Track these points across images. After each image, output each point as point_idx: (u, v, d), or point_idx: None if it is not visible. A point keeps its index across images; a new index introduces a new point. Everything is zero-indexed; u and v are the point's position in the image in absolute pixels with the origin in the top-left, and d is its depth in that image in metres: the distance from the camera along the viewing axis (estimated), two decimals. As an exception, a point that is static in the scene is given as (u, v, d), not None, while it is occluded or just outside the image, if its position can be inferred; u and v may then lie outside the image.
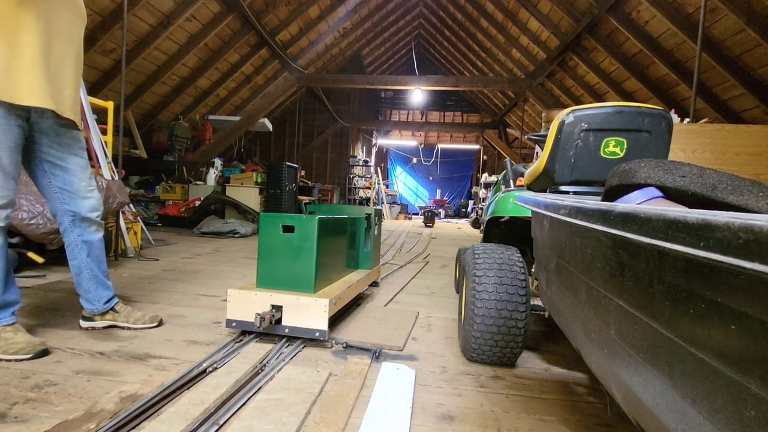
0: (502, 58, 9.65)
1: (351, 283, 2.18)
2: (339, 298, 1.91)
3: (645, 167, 0.95)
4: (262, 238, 1.88)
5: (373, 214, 2.72)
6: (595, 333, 0.78)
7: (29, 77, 1.42)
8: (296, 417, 1.21)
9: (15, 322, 1.60)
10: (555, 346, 2.01)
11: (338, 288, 2.00)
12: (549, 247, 1.18)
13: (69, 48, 1.58)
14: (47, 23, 1.47)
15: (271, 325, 1.74)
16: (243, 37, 7.34)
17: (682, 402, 0.47)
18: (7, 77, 1.38)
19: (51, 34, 1.49)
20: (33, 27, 1.43)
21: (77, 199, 1.70)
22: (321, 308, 1.74)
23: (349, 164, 12.94)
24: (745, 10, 4.05)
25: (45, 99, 1.47)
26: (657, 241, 0.46)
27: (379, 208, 2.92)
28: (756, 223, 0.33)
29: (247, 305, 1.78)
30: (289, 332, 1.76)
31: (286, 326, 1.76)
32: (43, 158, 1.62)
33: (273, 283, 1.87)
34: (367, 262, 2.68)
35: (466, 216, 15.29)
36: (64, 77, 1.55)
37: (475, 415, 1.32)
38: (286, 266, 1.86)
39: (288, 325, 1.76)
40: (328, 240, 1.98)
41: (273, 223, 1.88)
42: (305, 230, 1.84)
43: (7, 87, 1.39)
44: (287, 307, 1.76)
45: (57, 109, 1.53)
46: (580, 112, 1.56)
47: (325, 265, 1.97)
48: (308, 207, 2.79)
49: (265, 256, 1.89)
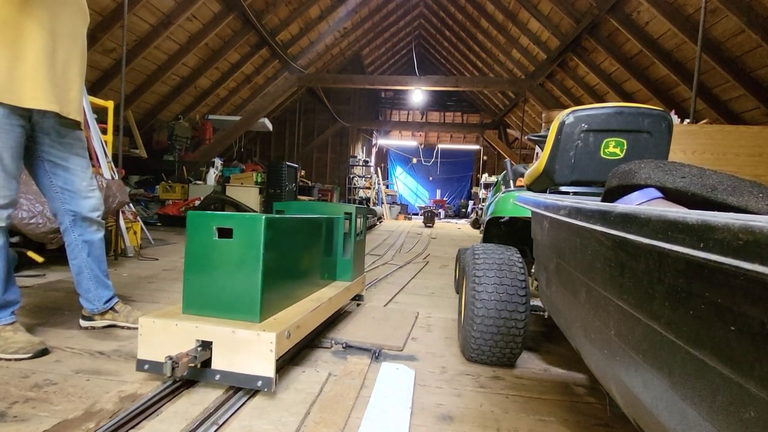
0: (503, 59, 9.65)
1: (321, 301, 1.73)
2: (298, 327, 1.45)
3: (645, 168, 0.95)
4: (190, 245, 1.42)
5: (355, 212, 2.20)
6: (594, 334, 0.78)
7: (32, 80, 1.43)
8: (296, 417, 1.21)
9: (15, 322, 1.60)
10: (554, 347, 2.01)
11: (299, 312, 1.54)
12: (549, 247, 1.18)
13: (74, 48, 1.58)
14: (52, 24, 1.48)
15: (195, 369, 1.30)
16: (243, 37, 7.34)
17: (682, 402, 0.47)
18: (10, 80, 1.39)
19: (56, 35, 1.49)
20: (38, 29, 1.44)
21: (78, 199, 1.70)
22: (265, 345, 1.26)
23: (349, 164, 12.94)
24: (746, 11, 4.05)
25: (48, 101, 1.48)
26: (657, 242, 0.46)
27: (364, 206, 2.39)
28: (756, 225, 0.33)
29: (165, 340, 1.33)
30: (220, 379, 1.29)
31: (217, 371, 1.29)
32: (44, 158, 1.62)
33: (204, 308, 1.40)
34: (346, 273, 2.19)
35: (466, 216, 15.29)
36: (69, 78, 1.56)
37: (475, 415, 1.32)
38: (222, 284, 1.38)
39: (219, 369, 1.29)
40: (284, 247, 1.53)
41: (204, 225, 1.40)
42: (248, 234, 1.36)
43: (8, 89, 1.40)
44: (219, 344, 1.29)
45: (61, 111, 1.54)
46: (580, 112, 1.56)
47: (279, 282, 1.50)
48: (276, 205, 2.24)
49: (194, 271, 1.41)
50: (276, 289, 1.48)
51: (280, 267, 1.51)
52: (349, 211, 2.20)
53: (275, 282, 1.47)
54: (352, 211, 2.20)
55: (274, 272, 1.46)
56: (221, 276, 1.39)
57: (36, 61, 1.43)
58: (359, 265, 2.37)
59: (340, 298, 2.01)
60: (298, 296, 1.70)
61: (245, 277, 1.37)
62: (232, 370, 1.29)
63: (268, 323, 1.37)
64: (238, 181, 7.44)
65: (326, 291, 1.92)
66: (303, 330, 1.53)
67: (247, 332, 1.28)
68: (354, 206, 2.21)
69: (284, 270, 1.56)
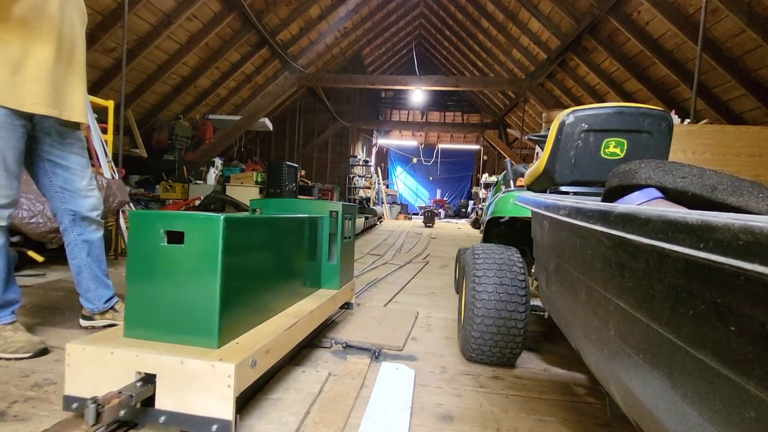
0: (503, 59, 9.65)
1: (300, 317, 1.48)
2: (267, 352, 1.21)
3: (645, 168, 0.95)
4: (132, 252, 1.18)
5: (342, 211, 1.97)
6: (594, 334, 0.78)
7: (34, 85, 1.45)
8: (296, 417, 1.21)
9: (15, 321, 1.60)
10: (554, 347, 2.01)
11: (271, 331, 1.30)
12: (549, 247, 1.18)
13: (76, 51, 1.60)
14: (58, 28, 1.50)
15: (135, 409, 1.05)
16: (243, 37, 7.34)
17: (682, 403, 0.47)
18: (13, 85, 1.41)
19: (61, 40, 1.51)
20: (46, 34, 1.46)
21: (78, 198, 1.70)
22: (221, 380, 1.02)
23: (350, 164, 12.94)
24: (746, 11, 4.04)
25: (47, 106, 1.50)
26: (657, 242, 0.46)
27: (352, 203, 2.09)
28: (756, 225, 0.33)
29: (99, 371, 1.08)
30: (166, 422, 1.05)
31: (162, 411, 1.05)
32: (44, 157, 1.63)
33: (150, 331, 1.16)
34: (332, 280, 1.96)
35: (466, 216, 15.29)
36: (71, 81, 1.58)
37: (475, 415, 1.32)
38: (171, 301, 1.14)
39: (165, 409, 1.05)
40: (252, 252, 1.30)
41: (149, 227, 1.16)
42: (202, 239, 1.12)
43: (10, 93, 1.41)
44: (165, 377, 1.05)
45: (60, 115, 1.56)
46: (580, 112, 1.56)
47: (245, 296, 1.27)
48: (252, 203, 2.05)
49: (137, 284, 1.17)
50: (241, 304, 1.23)
51: (246, 277, 1.27)
52: (335, 210, 1.96)
53: (240, 296, 1.23)
54: (338, 210, 1.96)
55: (239, 284, 1.22)
56: (171, 291, 1.14)
57: (40, 65, 1.46)
58: (347, 270, 2.13)
59: (324, 310, 1.76)
60: (271, 311, 1.45)
61: (200, 291, 1.12)
62: (181, 410, 1.04)
63: (228, 350, 1.12)
64: (239, 181, 7.44)
65: (307, 302, 1.69)
66: (275, 354, 1.28)
67: (198, 363, 1.03)
68: (341, 204, 1.98)
69: (252, 281, 1.31)
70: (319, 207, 1.97)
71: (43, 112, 1.49)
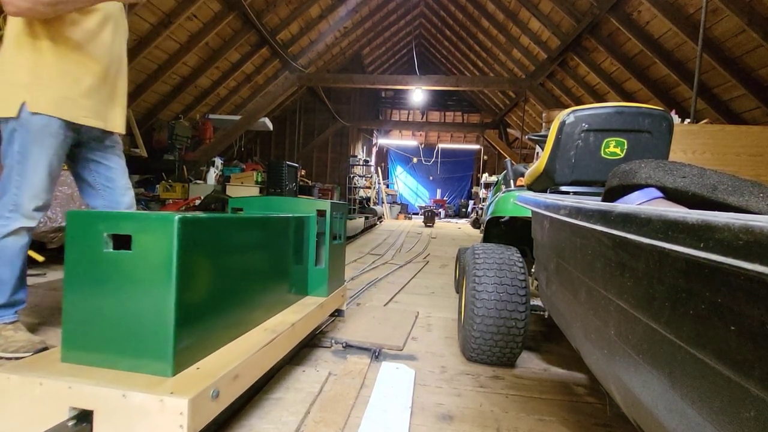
0: (503, 58, 9.64)
1: (280, 331, 1.28)
2: (236, 378, 1.02)
3: (645, 168, 0.95)
4: (70, 258, 0.99)
5: (330, 210, 1.80)
6: (594, 333, 0.78)
7: (86, 101, 1.60)
8: (296, 416, 1.21)
9: (16, 321, 1.61)
10: (554, 347, 2.01)
11: (243, 350, 1.11)
12: (549, 247, 1.18)
13: (121, 68, 1.75)
14: (109, 53, 1.65)
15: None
16: (243, 36, 7.34)
17: (682, 402, 0.47)
18: (69, 99, 1.55)
19: (110, 60, 1.66)
20: (99, 54, 1.60)
21: (117, 195, 1.80)
22: (172, 418, 0.84)
23: (350, 164, 12.94)
24: (746, 11, 4.04)
25: (96, 119, 1.66)
26: (657, 242, 0.46)
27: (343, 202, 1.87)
28: (756, 224, 0.33)
29: (26, 407, 0.89)
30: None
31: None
32: (90, 158, 1.75)
33: (92, 354, 0.96)
34: (320, 286, 1.77)
35: (466, 216, 15.29)
36: (115, 96, 1.74)
37: (475, 415, 1.32)
38: (117, 319, 0.95)
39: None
40: (219, 258, 1.12)
41: (90, 230, 0.97)
42: (154, 244, 0.94)
43: (67, 107, 1.55)
44: (104, 415, 0.87)
45: (105, 127, 1.71)
46: (580, 112, 1.56)
47: (210, 310, 1.07)
48: (232, 202, 1.88)
49: (76, 298, 0.99)
50: (204, 321, 1.04)
51: (212, 288, 1.08)
52: (323, 208, 1.78)
53: (203, 311, 1.04)
54: (326, 209, 1.78)
55: (201, 297, 1.03)
56: (117, 306, 0.95)
57: (92, 83, 1.61)
58: (338, 275, 1.95)
59: (310, 321, 1.57)
60: (246, 325, 1.25)
61: (151, 307, 0.93)
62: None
63: (184, 378, 0.92)
64: (239, 181, 7.44)
65: (291, 313, 1.50)
66: (246, 379, 1.07)
67: (143, 397, 0.84)
68: (329, 202, 1.82)
69: (220, 291, 1.12)
70: (306, 206, 1.79)
71: (92, 125, 1.64)
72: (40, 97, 1.48)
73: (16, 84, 1.47)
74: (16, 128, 1.48)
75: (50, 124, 1.51)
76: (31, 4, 1.35)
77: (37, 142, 1.50)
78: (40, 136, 1.50)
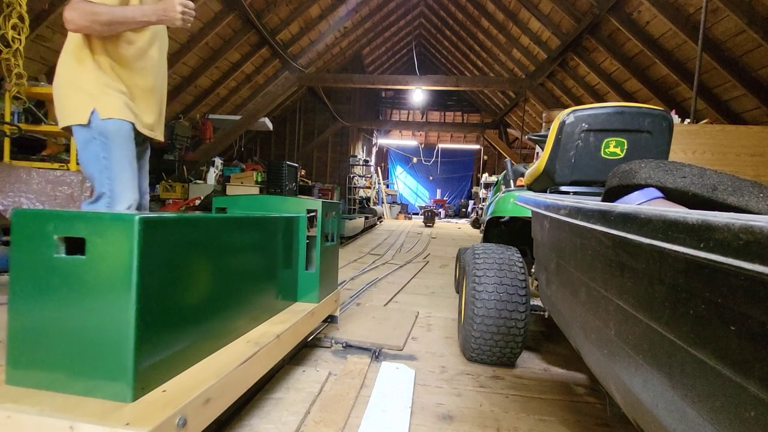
0: (503, 58, 9.64)
1: (263, 343, 1.16)
2: (208, 402, 0.89)
3: (645, 168, 0.95)
4: (16, 266, 0.86)
5: (322, 209, 1.67)
6: (594, 333, 0.78)
7: (143, 112, 1.75)
8: (296, 416, 1.21)
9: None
10: (555, 347, 2.01)
11: (218, 368, 0.98)
12: (549, 247, 1.18)
13: (164, 80, 1.87)
14: (157, 67, 1.77)
15: None
16: (244, 36, 7.34)
17: (682, 402, 0.47)
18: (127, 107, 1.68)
19: (158, 73, 1.78)
20: (147, 70, 1.73)
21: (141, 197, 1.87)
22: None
23: (350, 164, 12.94)
24: (746, 11, 4.04)
25: (152, 130, 1.81)
26: (657, 242, 0.46)
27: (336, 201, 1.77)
28: (756, 224, 0.33)
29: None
30: None
31: None
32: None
33: (42, 375, 0.84)
34: (311, 291, 1.65)
35: (466, 216, 15.29)
36: (161, 108, 1.87)
37: (475, 415, 1.32)
38: (70, 335, 0.83)
39: None
40: (189, 264, 0.98)
41: (38, 232, 0.84)
42: (110, 247, 0.82)
43: (130, 115, 1.68)
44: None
45: (154, 136, 1.82)
46: (580, 112, 1.56)
47: (180, 323, 0.95)
48: (216, 200, 1.78)
49: (23, 310, 0.86)
50: (172, 335, 0.91)
51: (182, 298, 0.95)
52: (314, 208, 1.66)
53: (171, 324, 0.91)
54: (317, 208, 1.66)
55: (169, 308, 0.91)
56: (69, 320, 0.83)
57: (142, 95, 1.74)
58: (330, 279, 1.83)
59: (299, 331, 1.44)
60: (225, 336, 1.13)
61: (108, 321, 0.81)
62: None
63: (146, 403, 0.80)
64: (239, 181, 7.44)
65: (276, 323, 1.35)
66: (221, 401, 0.94)
67: (94, 429, 0.72)
68: (320, 201, 1.68)
69: (192, 302, 0.99)
70: (295, 205, 1.68)
71: (147, 134, 1.76)
72: (107, 105, 1.59)
73: (83, 93, 1.57)
74: (95, 136, 1.58)
75: (123, 126, 1.62)
76: (88, 23, 1.48)
77: (116, 144, 1.60)
78: (117, 139, 1.61)
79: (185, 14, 1.55)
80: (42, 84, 3.91)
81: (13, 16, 3.23)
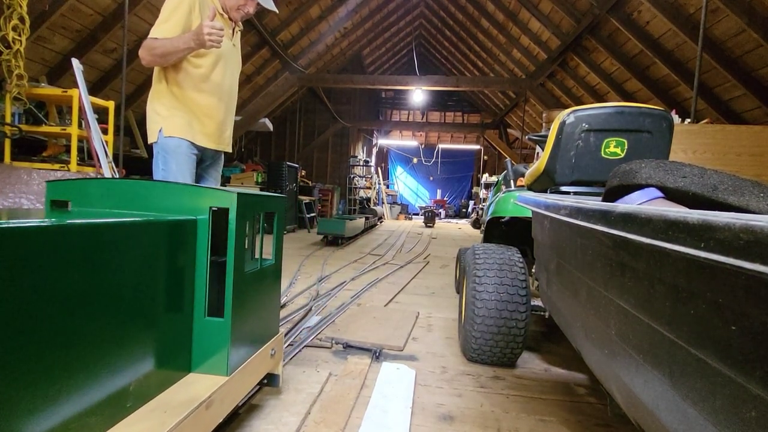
0: (503, 59, 9.64)
1: None
2: None
3: (646, 168, 0.95)
4: None
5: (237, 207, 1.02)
6: (595, 333, 0.78)
7: (207, 128, 1.95)
8: (296, 417, 1.21)
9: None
10: (555, 347, 2.01)
11: None
12: (549, 247, 1.18)
13: (234, 98, 2.06)
14: (221, 88, 1.94)
15: None
16: (243, 37, 7.34)
17: (683, 402, 0.47)
18: (188, 126, 1.90)
19: (221, 92, 1.96)
20: (210, 92, 1.91)
21: None
22: None
23: (350, 164, 12.94)
24: (747, 10, 4.04)
25: (212, 142, 1.98)
26: (658, 242, 0.46)
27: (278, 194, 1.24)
28: (756, 224, 0.33)
29: None
30: None
31: None
32: (200, 173, 2.05)
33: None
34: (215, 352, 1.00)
35: (466, 216, 15.28)
36: (228, 122, 2.05)
37: (475, 415, 1.32)
38: None
39: None
40: None
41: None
42: None
43: (188, 132, 1.89)
44: None
45: (217, 148, 2.03)
46: (580, 112, 1.56)
47: None
48: (52, 187, 1.03)
49: None
50: None
51: None
52: (224, 206, 1.01)
53: None
54: (229, 206, 1.01)
55: None
56: None
57: (205, 113, 1.93)
58: (260, 325, 1.18)
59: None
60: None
61: None
62: None
63: None
64: (239, 181, 7.45)
65: (134, 425, 0.78)
66: None
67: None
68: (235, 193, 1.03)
69: None
70: (189, 200, 1.01)
71: (206, 145, 1.95)
72: (170, 125, 1.86)
73: (158, 116, 1.87)
74: (159, 150, 1.86)
75: (180, 144, 1.86)
76: (151, 56, 1.77)
77: (173, 158, 1.85)
78: (174, 154, 1.85)
79: (211, 35, 1.69)
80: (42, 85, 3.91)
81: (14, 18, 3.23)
